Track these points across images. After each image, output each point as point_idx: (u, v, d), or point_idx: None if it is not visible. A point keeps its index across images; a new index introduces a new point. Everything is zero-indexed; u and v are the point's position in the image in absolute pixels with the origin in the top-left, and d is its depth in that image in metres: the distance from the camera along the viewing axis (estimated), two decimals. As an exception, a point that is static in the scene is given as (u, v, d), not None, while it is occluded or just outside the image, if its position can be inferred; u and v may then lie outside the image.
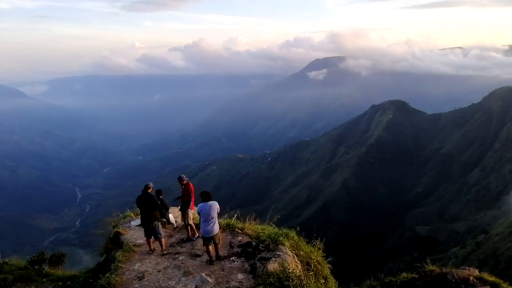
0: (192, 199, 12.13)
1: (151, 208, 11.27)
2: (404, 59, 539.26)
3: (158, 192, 12.91)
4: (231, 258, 10.20)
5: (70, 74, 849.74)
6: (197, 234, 11.72)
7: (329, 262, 10.77)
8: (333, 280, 10.40)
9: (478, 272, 10.47)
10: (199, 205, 10.27)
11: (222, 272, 9.59)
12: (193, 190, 12.23)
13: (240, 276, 9.34)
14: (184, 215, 11.98)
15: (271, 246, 10.35)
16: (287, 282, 8.36)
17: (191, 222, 11.95)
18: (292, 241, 10.71)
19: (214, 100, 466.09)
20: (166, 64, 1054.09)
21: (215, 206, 10.30)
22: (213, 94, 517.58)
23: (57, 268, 13.38)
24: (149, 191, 11.52)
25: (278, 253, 9.96)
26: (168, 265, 10.24)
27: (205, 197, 10.34)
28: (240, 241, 11.12)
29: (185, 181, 12.09)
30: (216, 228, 10.23)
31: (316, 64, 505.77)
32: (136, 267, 10.16)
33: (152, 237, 11.21)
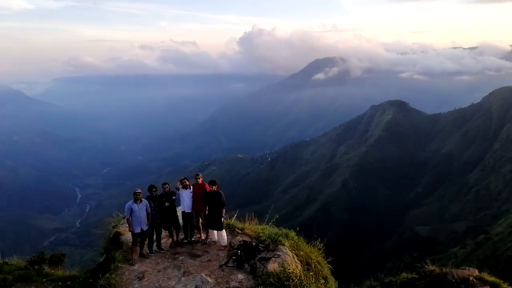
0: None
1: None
2: (404, 58, 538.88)
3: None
4: (231, 258, 10.21)
5: (71, 74, 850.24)
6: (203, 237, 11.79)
7: (329, 262, 10.79)
8: (333, 280, 10.42)
9: (478, 272, 10.49)
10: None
11: (222, 272, 9.61)
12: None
13: (240, 276, 9.35)
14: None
15: (271, 246, 10.37)
16: (287, 282, 8.37)
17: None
18: (292, 241, 10.73)
19: (214, 100, 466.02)
20: (168, 64, 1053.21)
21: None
22: (213, 94, 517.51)
23: (57, 268, 13.37)
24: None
25: (278, 253, 9.98)
26: (168, 265, 10.25)
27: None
28: (240, 241, 11.12)
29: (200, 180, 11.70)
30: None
31: (316, 64, 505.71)
32: (136, 267, 10.17)
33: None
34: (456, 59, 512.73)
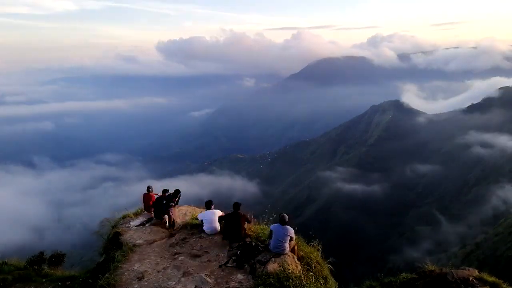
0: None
1: None
2: (405, 58, 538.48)
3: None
4: (231, 258, 10.20)
5: (71, 74, 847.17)
6: None
7: (329, 263, 10.77)
8: (333, 280, 10.40)
9: (478, 272, 10.47)
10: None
11: (222, 273, 9.59)
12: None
13: (239, 276, 9.34)
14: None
15: (271, 246, 10.34)
16: (287, 283, 8.37)
17: None
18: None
19: (214, 100, 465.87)
20: (171, 64, 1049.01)
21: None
22: (213, 94, 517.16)
23: (56, 269, 13.36)
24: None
25: (277, 253, 9.95)
26: (168, 265, 10.23)
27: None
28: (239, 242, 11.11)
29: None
30: None
31: (316, 64, 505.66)
32: (135, 268, 10.15)
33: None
34: (457, 59, 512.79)
